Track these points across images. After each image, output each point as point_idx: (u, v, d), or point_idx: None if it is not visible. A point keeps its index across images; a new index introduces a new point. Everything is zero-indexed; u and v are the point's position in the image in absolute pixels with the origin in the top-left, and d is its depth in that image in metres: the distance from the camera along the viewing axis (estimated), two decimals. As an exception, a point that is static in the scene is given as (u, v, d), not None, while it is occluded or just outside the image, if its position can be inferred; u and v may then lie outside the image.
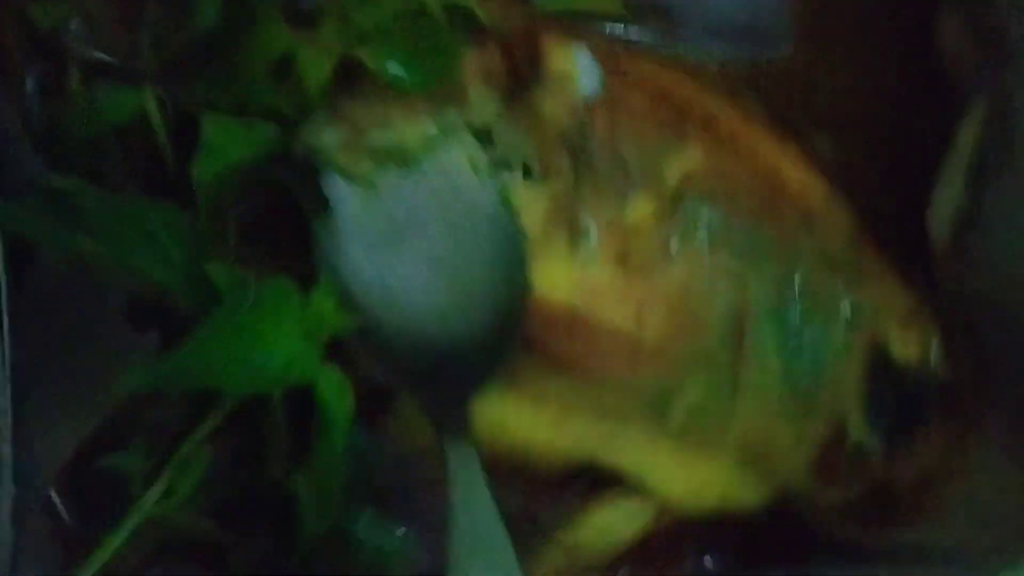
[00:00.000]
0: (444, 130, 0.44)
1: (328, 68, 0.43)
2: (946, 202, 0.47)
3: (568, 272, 0.44)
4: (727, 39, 0.49)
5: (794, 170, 0.47)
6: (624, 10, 0.49)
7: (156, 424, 0.43)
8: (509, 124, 0.45)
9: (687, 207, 0.45)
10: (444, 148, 0.44)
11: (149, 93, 0.44)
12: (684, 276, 0.45)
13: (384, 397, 0.43)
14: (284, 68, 0.43)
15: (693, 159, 0.45)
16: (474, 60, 0.44)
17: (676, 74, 0.47)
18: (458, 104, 0.44)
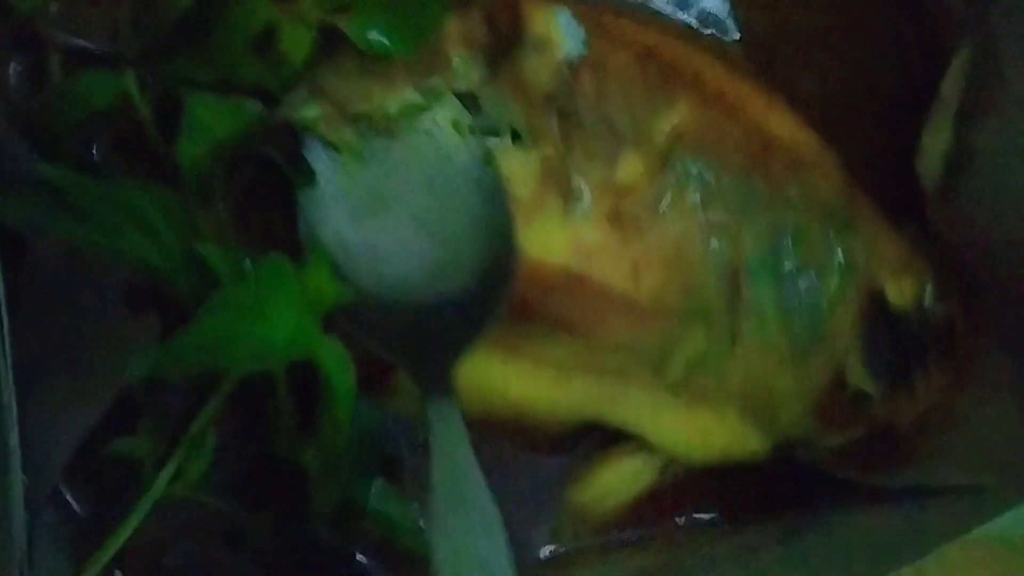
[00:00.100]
0: (428, 97, 0.44)
1: (310, 39, 0.42)
2: (935, 147, 0.47)
3: (562, 234, 0.44)
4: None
5: (782, 123, 0.47)
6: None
7: (163, 407, 0.43)
8: (494, 90, 0.45)
9: (677, 165, 0.45)
10: (427, 113, 0.44)
11: (131, 76, 0.44)
12: (678, 233, 0.45)
13: (385, 366, 0.44)
14: (266, 42, 0.43)
15: (681, 117, 0.45)
16: (456, 26, 0.44)
17: (660, 33, 0.47)
18: (441, 71, 0.44)
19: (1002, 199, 0.45)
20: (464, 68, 0.44)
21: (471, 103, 0.45)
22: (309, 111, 0.43)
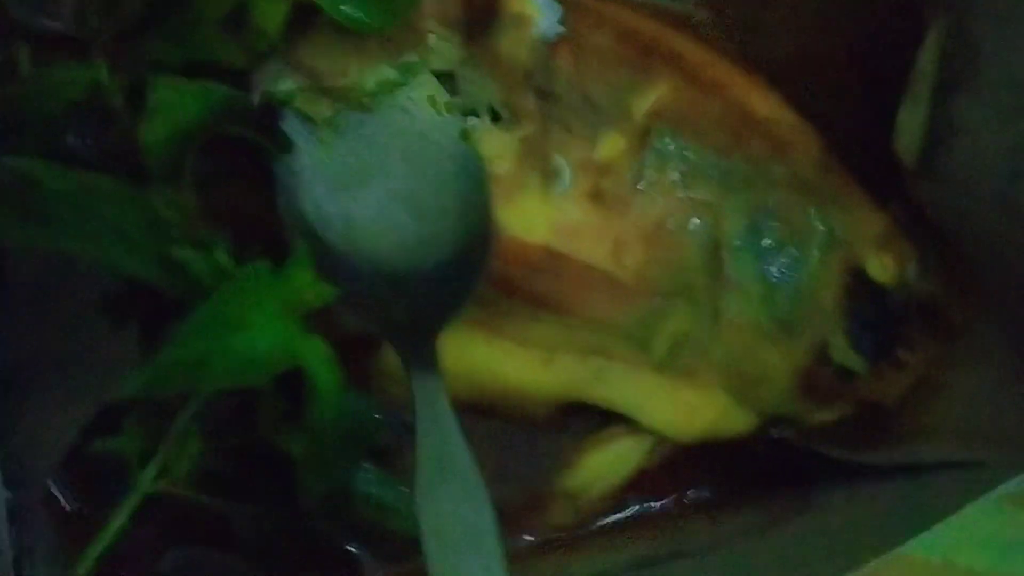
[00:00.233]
0: (404, 73, 0.44)
1: (283, 11, 0.42)
2: (912, 122, 0.47)
3: (544, 213, 0.44)
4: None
5: (763, 101, 0.47)
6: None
7: (147, 404, 0.42)
8: (471, 68, 0.44)
9: (657, 142, 0.45)
10: (403, 89, 0.44)
11: (102, 66, 0.43)
12: (659, 210, 0.45)
13: (368, 345, 0.43)
14: (238, 19, 0.42)
15: (660, 94, 0.45)
16: (432, 3, 0.44)
17: (639, 11, 0.47)
18: (418, 49, 0.44)
19: (979, 173, 0.46)
20: (440, 45, 0.44)
21: (448, 82, 0.44)
22: (285, 84, 0.43)
